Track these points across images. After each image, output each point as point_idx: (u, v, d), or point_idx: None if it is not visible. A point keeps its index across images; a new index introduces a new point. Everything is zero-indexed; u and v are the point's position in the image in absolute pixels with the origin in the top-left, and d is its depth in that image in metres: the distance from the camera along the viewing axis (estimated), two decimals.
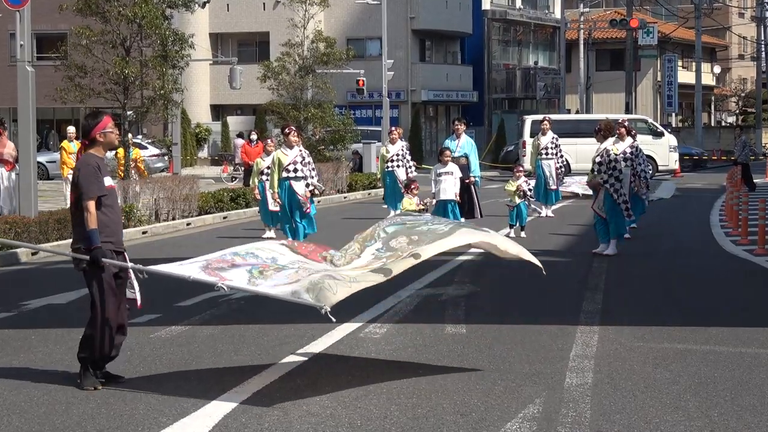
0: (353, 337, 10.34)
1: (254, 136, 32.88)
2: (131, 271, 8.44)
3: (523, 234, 19.53)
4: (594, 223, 17.13)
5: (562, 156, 24.81)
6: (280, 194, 17.46)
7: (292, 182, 17.35)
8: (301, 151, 17.55)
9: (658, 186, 29.79)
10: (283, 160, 17.38)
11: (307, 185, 17.32)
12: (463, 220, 20.59)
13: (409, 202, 17.27)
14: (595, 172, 16.67)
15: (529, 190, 20.08)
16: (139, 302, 8.47)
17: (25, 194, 19.99)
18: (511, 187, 19.82)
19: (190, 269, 8.23)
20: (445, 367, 8.94)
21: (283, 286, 8.04)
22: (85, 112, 56.05)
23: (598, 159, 16.61)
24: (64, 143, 26.48)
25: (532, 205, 20.67)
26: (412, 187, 17.59)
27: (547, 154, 24.33)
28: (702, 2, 62.60)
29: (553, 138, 24.51)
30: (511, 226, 19.80)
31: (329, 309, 7.62)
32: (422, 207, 17.28)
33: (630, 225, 19.10)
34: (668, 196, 29.23)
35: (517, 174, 20.02)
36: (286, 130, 17.73)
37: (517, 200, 19.63)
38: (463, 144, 21.44)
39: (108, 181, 8.43)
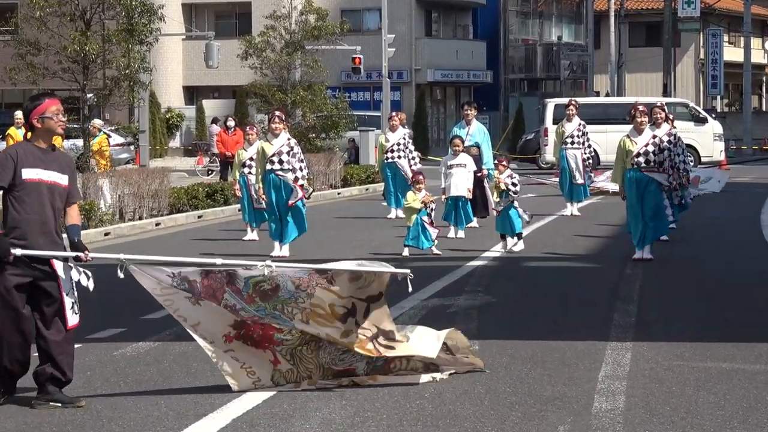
0: None
1: (231, 123, 32.89)
2: (73, 267, 8.40)
3: (520, 246, 17.76)
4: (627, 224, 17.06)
5: (589, 146, 24.80)
6: (265, 189, 17.48)
7: (278, 175, 17.36)
8: (288, 140, 17.57)
9: (709, 179, 29.75)
10: (267, 150, 17.40)
11: (296, 179, 17.33)
12: (475, 220, 20.61)
13: (413, 198, 17.27)
14: (637, 165, 16.40)
15: (513, 185, 17.66)
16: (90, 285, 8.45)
17: None
18: (492, 184, 17.96)
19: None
20: (455, 390, 8.95)
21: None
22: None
23: (651, 148, 16.40)
24: (11, 130, 26.41)
25: (519, 210, 17.93)
26: (418, 179, 17.52)
27: (572, 143, 24.32)
28: None
29: (579, 125, 24.50)
30: (502, 237, 17.88)
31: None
32: (427, 201, 17.22)
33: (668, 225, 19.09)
34: (718, 189, 29.29)
35: (501, 168, 17.91)
36: (270, 116, 17.76)
37: (502, 201, 17.66)
38: (474, 132, 21.44)
39: (32, 173, 8.31)
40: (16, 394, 8.57)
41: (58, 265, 8.41)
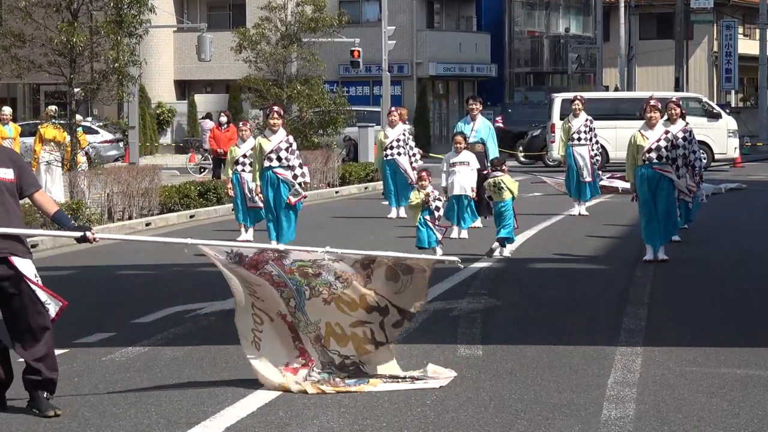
0: None
1: (224, 119, 32.90)
2: (34, 282, 8.33)
3: (507, 251, 17.41)
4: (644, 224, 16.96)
5: (597, 142, 24.80)
6: (262, 187, 17.51)
7: (276, 172, 17.38)
8: (287, 135, 17.60)
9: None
10: (265, 146, 17.43)
11: (295, 176, 17.34)
12: (479, 220, 20.61)
13: (416, 196, 17.28)
14: (648, 161, 16.40)
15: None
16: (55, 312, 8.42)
17: None
18: (513, 185, 17.35)
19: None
20: (458, 397, 8.95)
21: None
22: (23, 88, 56.10)
23: (663, 144, 16.40)
24: None
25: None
26: (422, 176, 17.49)
27: (579, 139, 24.32)
28: None
29: (586, 120, 24.50)
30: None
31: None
32: (427, 199, 17.16)
33: (681, 226, 19.10)
34: (723, 189, 29.38)
35: (488, 171, 17.81)
36: (268, 111, 17.81)
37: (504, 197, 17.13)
38: (479, 127, 21.44)
39: None
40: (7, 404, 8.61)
41: (20, 263, 8.33)
